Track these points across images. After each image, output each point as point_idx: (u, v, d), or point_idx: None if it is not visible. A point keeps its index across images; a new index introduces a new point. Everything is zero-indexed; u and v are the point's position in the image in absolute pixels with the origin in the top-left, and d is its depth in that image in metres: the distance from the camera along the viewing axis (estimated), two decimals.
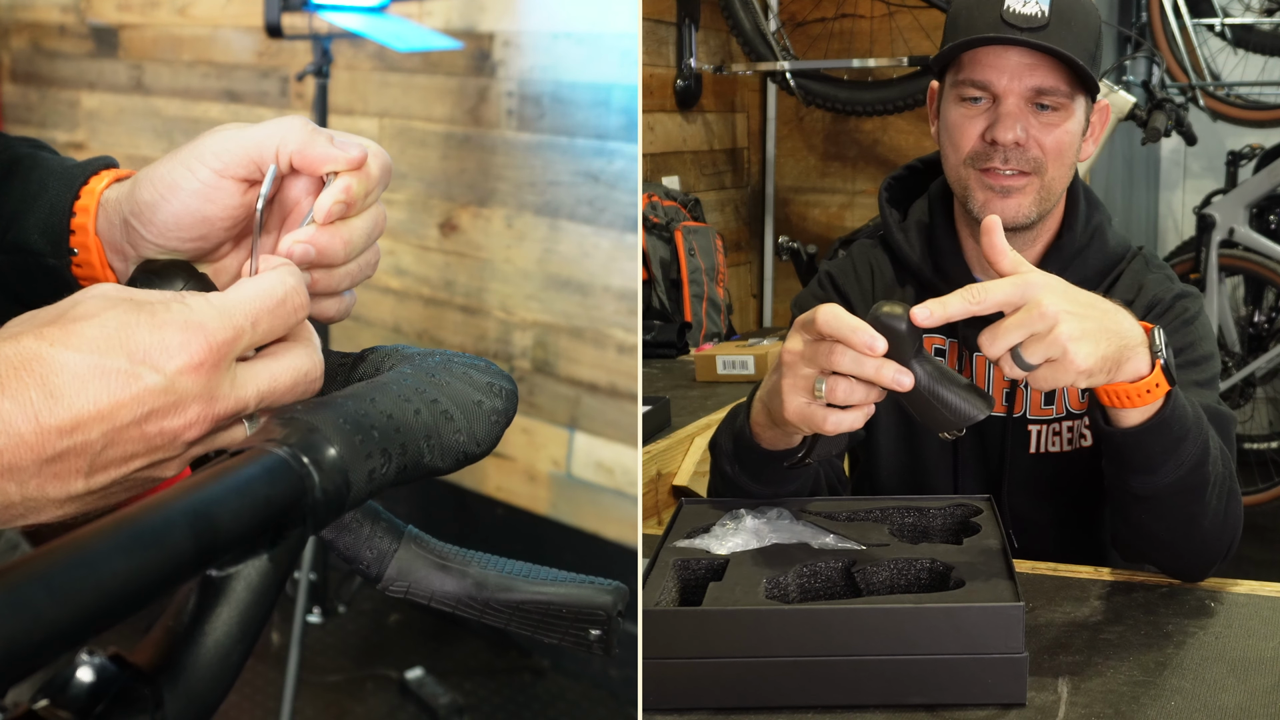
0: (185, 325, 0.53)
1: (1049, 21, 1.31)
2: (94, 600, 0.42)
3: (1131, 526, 1.24)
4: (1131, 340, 1.08)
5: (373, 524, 0.62)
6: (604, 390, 2.77)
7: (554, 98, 2.75)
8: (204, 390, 0.53)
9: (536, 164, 2.80)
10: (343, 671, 2.79)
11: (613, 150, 2.68)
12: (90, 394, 0.50)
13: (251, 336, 0.56)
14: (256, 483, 0.50)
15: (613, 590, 0.62)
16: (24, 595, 0.40)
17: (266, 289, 0.57)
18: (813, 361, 1.08)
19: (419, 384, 0.59)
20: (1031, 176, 1.35)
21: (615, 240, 2.70)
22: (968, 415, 1.04)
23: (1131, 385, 1.09)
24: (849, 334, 1.03)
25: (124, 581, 0.43)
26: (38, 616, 0.40)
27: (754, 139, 3.90)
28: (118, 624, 0.43)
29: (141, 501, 0.46)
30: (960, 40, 1.33)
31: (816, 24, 3.72)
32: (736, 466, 1.29)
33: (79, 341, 0.51)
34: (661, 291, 3.09)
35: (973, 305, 1.03)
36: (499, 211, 2.88)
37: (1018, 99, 1.34)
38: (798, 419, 1.10)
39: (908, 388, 1.03)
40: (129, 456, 0.53)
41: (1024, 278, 1.04)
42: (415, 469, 0.57)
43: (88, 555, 0.43)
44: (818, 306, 1.07)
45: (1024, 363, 1.02)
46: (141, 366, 0.51)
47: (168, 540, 0.45)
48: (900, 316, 1.03)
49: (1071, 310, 1.02)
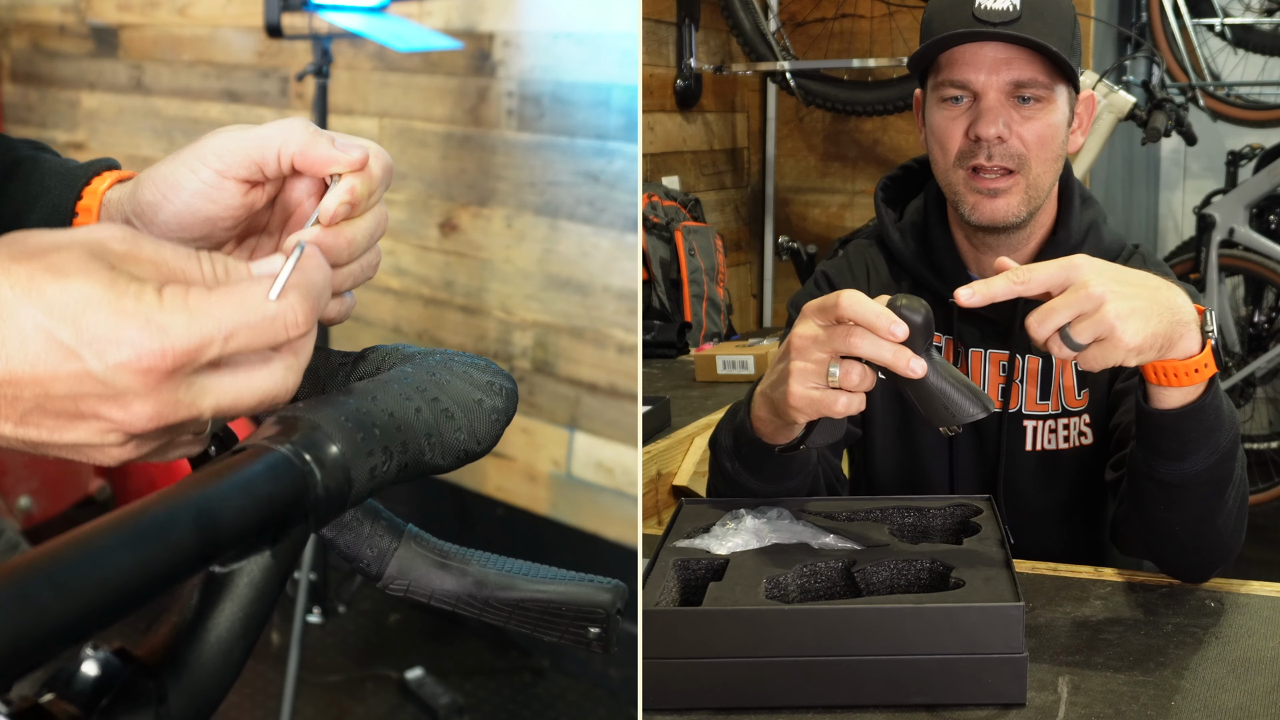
0: (146, 323, 0.50)
1: (1021, 14, 1.31)
2: (99, 596, 0.42)
3: (1146, 517, 1.23)
4: (1184, 316, 1.08)
5: (373, 522, 0.62)
6: (604, 390, 2.77)
7: (554, 98, 2.75)
8: (149, 391, 0.50)
9: (536, 164, 2.80)
10: (343, 671, 2.79)
11: (613, 150, 2.68)
12: (29, 355, 0.49)
13: (221, 349, 0.52)
14: (259, 480, 0.50)
15: (612, 589, 0.62)
16: (30, 590, 0.41)
17: (252, 302, 0.52)
18: (826, 345, 1.09)
19: (420, 382, 0.59)
20: (1016, 175, 1.36)
21: (615, 240, 2.70)
22: (969, 412, 1.06)
23: (1181, 363, 1.10)
24: (873, 318, 1.05)
25: (128, 577, 0.43)
26: (44, 611, 0.41)
27: (754, 139, 3.91)
28: (122, 619, 0.43)
29: (145, 498, 0.47)
30: (934, 40, 1.34)
31: (816, 24, 3.72)
32: (737, 462, 1.29)
33: (38, 297, 0.49)
34: (661, 291, 3.09)
35: (1017, 286, 1.05)
36: (499, 211, 2.88)
37: (998, 94, 1.34)
38: (804, 403, 1.11)
39: (920, 375, 1.05)
40: (62, 421, 0.51)
41: (1069, 259, 1.06)
42: (416, 467, 0.57)
43: (93, 551, 0.43)
44: (839, 290, 1.09)
45: (1073, 343, 1.04)
46: (86, 349, 0.49)
47: (172, 536, 0.45)
48: (917, 310, 1.05)
49: (1119, 289, 1.03)
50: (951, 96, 1.37)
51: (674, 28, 3.51)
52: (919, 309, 1.05)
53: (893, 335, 1.05)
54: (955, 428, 1.08)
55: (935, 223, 1.47)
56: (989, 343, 1.44)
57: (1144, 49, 3.72)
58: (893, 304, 1.06)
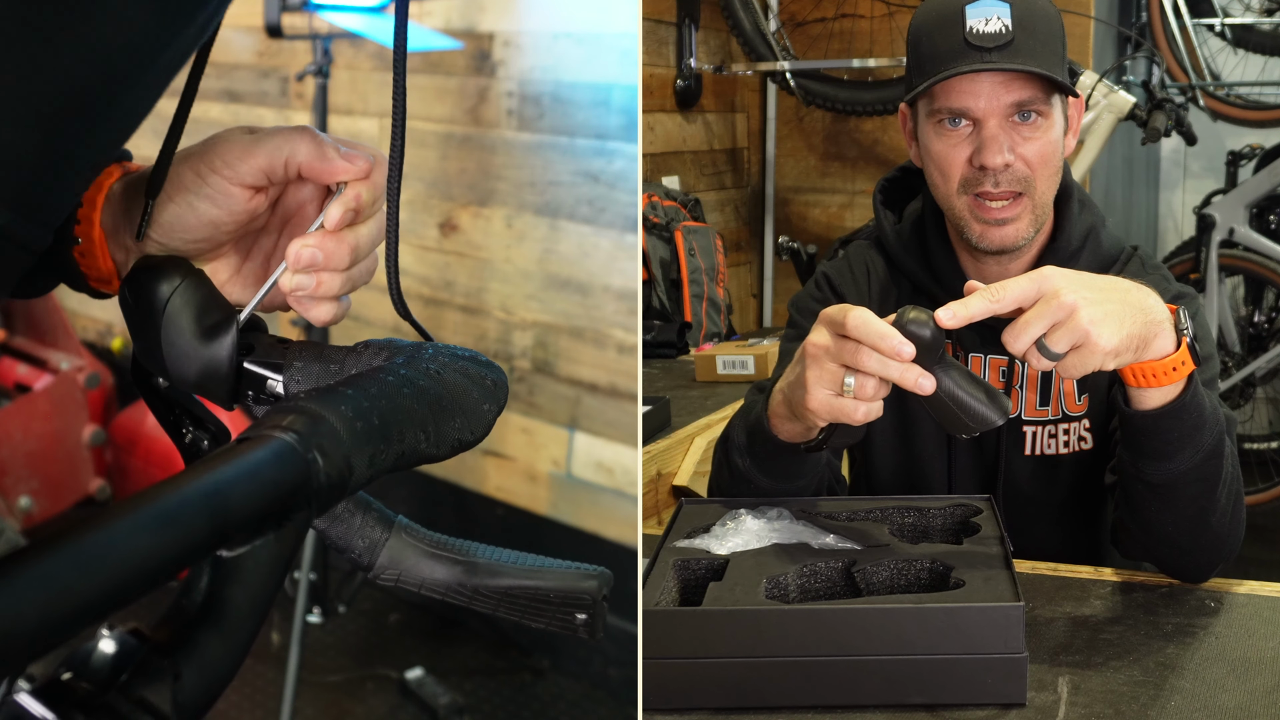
0: None
1: (1013, 36, 1.30)
2: (120, 576, 0.44)
3: (1140, 520, 1.23)
4: (1157, 316, 1.09)
5: (364, 514, 0.64)
6: (604, 390, 2.77)
7: (554, 98, 2.75)
8: None
9: (536, 164, 2.80)
10: (343, 671, 2.79)
11: (613, 150, 2.68)
12: None
13: None
14: (265, 466, 0.52)
15: (598, 575, 0.64)
16: (56, 570, 0.43)
17: None
18: (838, 357, 1.10)
19: (414, 374, 0.61)
20: (1023, 198, 1.35)
21: (615, 240, 2.70)
22: (985, 420, 1.08)
23: (1158, 363, 1.11)
24: (878, 340, 1.06)
25: (146, 558, 0.45)
26: (68, 590, 0.43)
27: (754, 139, 3.90)
28: (139, 599, 0.46)
29: (157, 484, 0.48)
30: (932, 78, 1.32)
31: (816, 24, 3.72)
32: (748, 460, 1.30)
33: None
34: (661, 291, 3.09)
35: (993, 304, 1.06)
36: (499, 211, 2.88)
37: (999, 119, 1.33)
38: (824, 410, 1.12)
39: (929, 392, 1.06)
40: None
41: (1039, 272, 1.07)
42: (412, 456, 0.59)
43: (113, 534, 0.45)
44: (846, 306, 1.10)
45: (1050, 353, 1.05)
46: None
47: (185, 519, 0.48)
48: (925, 324, 1.06)
49: (1090, 295, 1.04)
50: (949, 119, 1.35)
51: (674, 28, 3.51)
52: (927, 323, 1.06)
53: (900, 356, 1.06)
54: (972, 434, 1.09)
55: (933, 231, 1.46)
56: (989, 348, 1.44)
57: (1144, 49, 3.72)
58: (900, 320, 1.07)
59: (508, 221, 2.86)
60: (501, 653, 2.91)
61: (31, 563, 0.43)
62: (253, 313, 0.67)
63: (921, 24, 1.37)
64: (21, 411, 2.87)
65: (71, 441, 2.94)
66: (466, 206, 2.93)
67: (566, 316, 2.79)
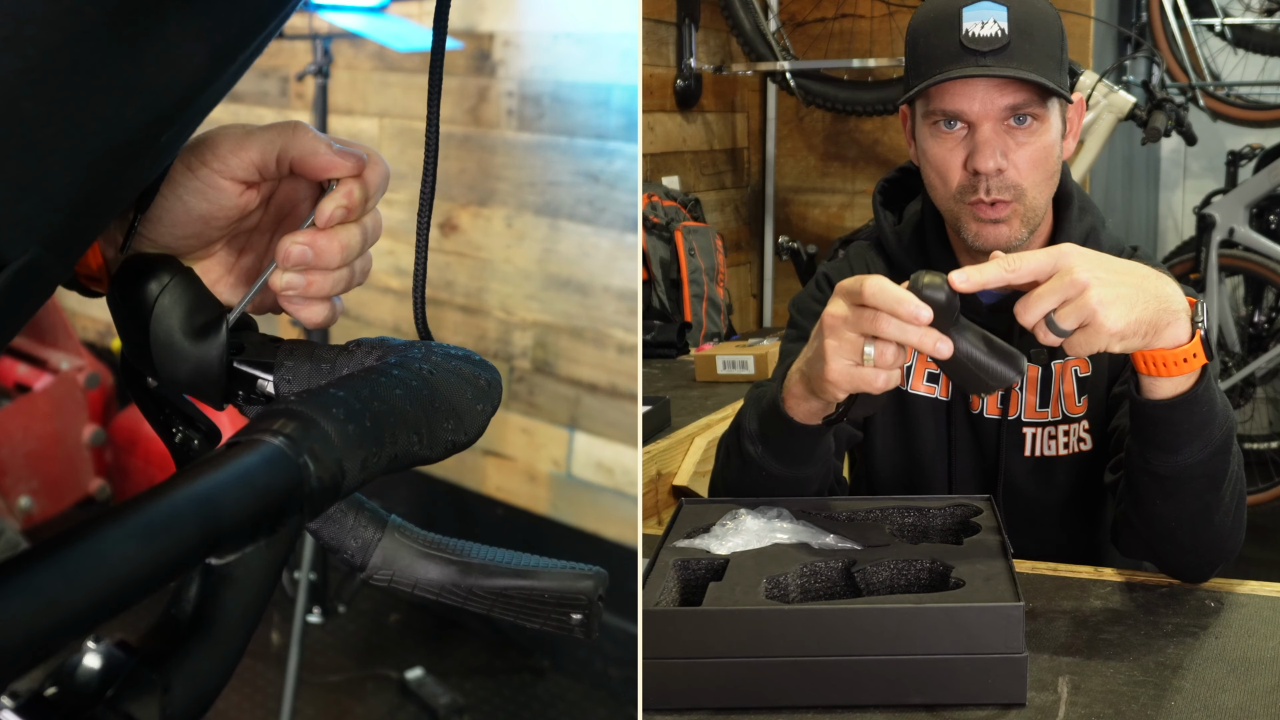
0: None
1: (1010, 39, 1.30)
2: (108, 587, 0.43)
3: (1143, 514, 1.23)
4: (1173, 305, 1.09)
5: (356, 514, 0.63)
6: (604, 390, 2.77)
7: (554, 98, 2.75)
8: None
9: (536, 164, 2.80)
10: (343, 671, 2.79)
11: (613, 150, 2.68)
12: None
13: None
14: (256, 472, 0.50)
15: (594, 575, 0.64)
16: (41, 582, 0.41)
17: None
18: (856, 326, 1.11)
19: (407, 374, 0.60)
20: (1014, 204, 1.35)
21: (615, 240, 2.70)
22: (1004, 379, 1.09)
23: (1170, 352, 1.11)
24: (895, 305, 1.07)
25: (134, 568, 0.44)
26: (54, 603, 0.41)
27: (754, 139, 3.90)
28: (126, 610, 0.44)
29: (146, 490, 0.47)
30: (926, 81, 1.32)
31: (816, 24, 3.72)
32: (760, 446, 1.30)
33: None
34: (661, 291, 3.09)
35: (1008, 274, 1.07)
36: (499, 211, 2.88)
37: (993, 123, 1.33)
38: (844, 380, 1.13)
39: (947, 355, 1.07)
40: None
41: (1058, 248, 1.08)
42: (405, 457, 0.58)
43: (101, 543, 0.43)
44: (862, 276, 1.11)
45: (1058, 329, 1.05)
46: None
47: (175, 527, 0.46)
48: (940, 287, 1.07)
49: (1104, 276, 1.05)
50: (944, 121, 1.36)
51: (674, 28, 3.50)
52: (942, 286, 1.07)
53: (918, 320, 1.07)
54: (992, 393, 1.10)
55: (932, 232, 1.47)
56: None
57: (1144, 49, 3.72)
58: (915, 284, 1.08)
59: (508, 221, 2.86)
60: (501, 653, 2.91)
61: (16, 574, 0.41)
62: (243, 312, 0.67)
63: (919, 25, 1.37)
64: (21, 411, 2.87)
65: (71, 441, 2.94)
66: (466, 206, 2.93)
67: (566, 316, 2.79)
